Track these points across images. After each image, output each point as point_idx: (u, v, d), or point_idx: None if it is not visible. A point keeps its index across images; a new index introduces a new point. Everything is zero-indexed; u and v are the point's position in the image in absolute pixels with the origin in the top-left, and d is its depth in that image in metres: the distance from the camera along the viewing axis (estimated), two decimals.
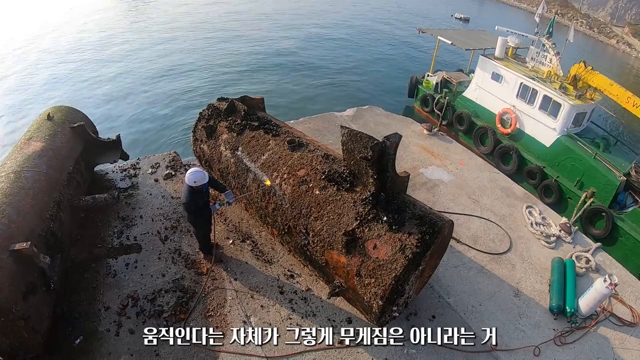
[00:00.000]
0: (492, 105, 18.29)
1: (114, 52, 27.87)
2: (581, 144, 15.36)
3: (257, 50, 30.75)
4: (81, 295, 6.36)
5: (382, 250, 5.29)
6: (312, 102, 23.09)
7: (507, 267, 8.34)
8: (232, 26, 36.31)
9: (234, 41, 32.27)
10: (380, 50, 35.70)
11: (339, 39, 36.74)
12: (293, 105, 22.21)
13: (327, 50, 33.16)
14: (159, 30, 33.38)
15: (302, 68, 28.33)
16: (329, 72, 28.39)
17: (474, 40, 21.30)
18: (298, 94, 24.39)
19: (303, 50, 32.10)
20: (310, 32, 37.46)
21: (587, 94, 16.19)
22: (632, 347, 7.22)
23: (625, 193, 14.85)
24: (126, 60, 26.55)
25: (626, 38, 65.04)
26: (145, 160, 9.74)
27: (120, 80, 23.75)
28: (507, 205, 10.27)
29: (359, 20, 45.76)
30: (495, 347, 6.59)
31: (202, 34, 33.41)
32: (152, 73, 24.95)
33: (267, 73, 26.85)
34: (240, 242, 7.67)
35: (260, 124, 7.40)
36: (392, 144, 5.40)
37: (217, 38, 32.78)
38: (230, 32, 34.39)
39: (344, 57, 31.93)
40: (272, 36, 34.41)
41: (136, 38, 31.06)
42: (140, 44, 29.81)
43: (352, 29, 41.09)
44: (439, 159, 11.79)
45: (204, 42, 31.43)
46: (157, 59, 27.21)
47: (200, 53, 29.02)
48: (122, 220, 7.90)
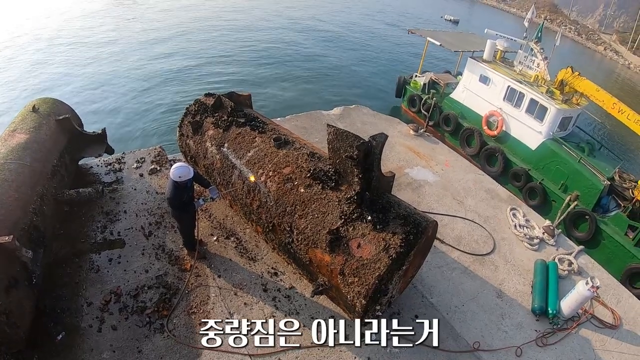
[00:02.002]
0: (479, 107, 18.42)
1: (101, 46, 27.52)
2: (566, 148, 15.53)
3: (246, 47, 30.62)
4: (63, 291, 6.29)
5: (366, 249, 5.30)
6: (300, 100, 23.04)
7: (491, 268, 8.42)
8: (220, 23, 36.06)
9: (221, 38, 32.09)
10: (369, 49, 35.79)
11: (327, 38, 36.74)
12: (280, 103, 22.19)
13: (316, 49, 33.14)
14: (147, 26, 33.05)
15: (290, 66, 28.28)
16: (317, 71, 28.37)
17: (462, 43, 21.43)
18: (285, 91, 24.34)
19: (291, 49, 32.04)
20: (299, 31, 37.37)
21: (573, 99, 16.38)
22: (613, 349, 7.35)
23: (609, 197, 15.06)
24: (114, 55, 26.20)
25: (614, 45, 65.96)
26: (130, 154, 9.65)
27: (107, 74, 23.45)
28: (491, 207, 10.36)
29: (348, 19, 45.82)
30: (478, 347, 6.67)
31: (191, 30, 33.15)
32: (140, 68, 24.68)
33: (255, 70, 26.74)
34: (225, 238, 7.63)
35: (246, 121, 7.37)
36: (378, 144, 5.41)
37: (206, 34, 32.59)
38: (218, 29, 34.17)
39: (332, 56, 31.93)
40: (261, 35, 34.25)
41: (124, 33, 30.67)
42: (128, 39, 29.46)
43: (340, 28, 41.10)
44: (424, 159, 11.86)
45: (193, 38, 31.21)
46: (146, 54, 26.93)
47: (188, 49, 28.79)
48: (106, 215, 7.82)
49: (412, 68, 25.08)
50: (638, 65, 59.64)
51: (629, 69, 59.84)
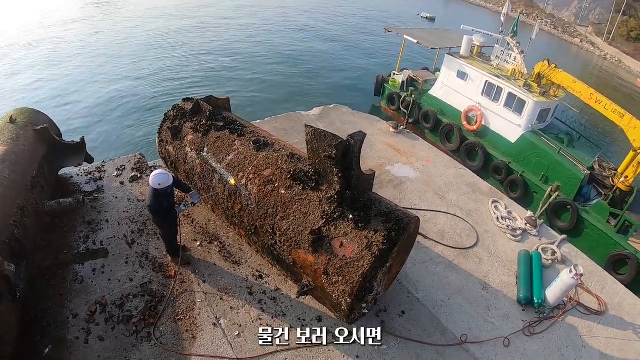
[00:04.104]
0: (457, 102, 18.59)
1: (75, 53, 27.07)
2: (546, 140, 15.75)
3: (223, 51, 30.48)
4: (48, 303, 6.19)
5: (348, 248, 5.31)
6: (278, 101, 23.02)
7: (475, 261, 8.51)
8: (196, 27, 35.79)
9: (198, 41, 31.85)
10: (347, 49, 35.88)
11: (304, 39, 36.73)
12: (259, 105, 22.11)
13: (293, 50, 33.10)
14: (124, 32, 32.60)
15: (268, 68, 28.23)
16: (295, 72, 28.36)
17: (439, 39, 21.58)
18: (264, 93, 24.27)
19: (269, 51, 31.98)
20: (275, 33, 37.30)
21: (551, 91, 16.61)
22: (599, 335, 7.50)
23: (590, 186, 15.31)
24: (88, 62, 25.80)
25: (590, 37, 67.16)
26: (110, 162, 9.53)
27: (83, 81, 23.12)
28: (473, 200, 10.47)
29: (324, 20, 45.85)
30: (465, 340, 6.73)
31: (167, 34, 32.85)
32: (116, 74, 24.35)
33: (233, 73, 26.64)
34: (208, 243, 7.59)
35: (225, 125, 7.34)
36: (357, 142, 5.43)
37: (183, 38, 32.31)
38: (195, 33, 33.94)
39: (310, 57, 31.93)
40: (238, 37, 34.12)
41: (99, 40, 30.20)
42: (104, 46, 29.01)
43: (317, 29, 41.14)
44: (405, 156, 11.93)
45: (168, 43, 30.89)
46: (122, 60, 26.59)
47: (164, 53, 28.50)
48: (88, 225, 7.70)
49: (390, 66, 25.23)
50: (614, 56, 60.83)
51: (605, 60, 60.98)
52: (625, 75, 55.10)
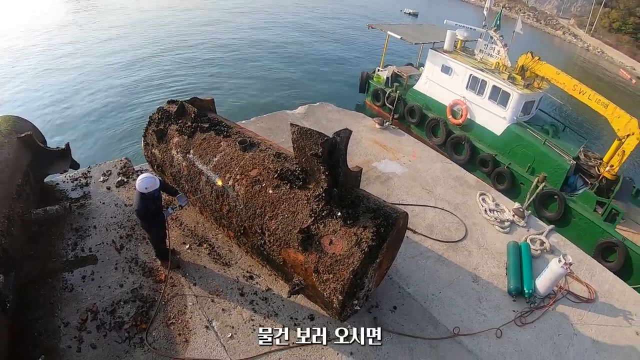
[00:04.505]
0: (442, 97, 18.75)
1: (57, 60, 26.66)
2: (531, 131, 15.93)
3: (206, 52, 30.32)
4: (39, 312, 6.10)
5: (338, 245, 5.31)
6: (263, 101, 23.03)
7: (464, 254, 8.56)
8: (178, 27, 35.58)
9: (179, 43, 31.65)
10: (331, 47, 35.91)
11: (288, 38, 36.69)
12: (244, 105, 22.09)
13: (276, 49, 33.05)
14: (105, 35, 32.22)
15: (252, 68, 28.15)
16: (280, 71, 28.33)
17: (423, 35, 21.74)
18: (249, 93, 24.23)
19: (252, 50, 31.88)
20: (258, 32, 37.22)
21: (534, 83, 16.82)
22: (590, 322, 7.59)
23: (576, 176, 15.54)
24: (70, 68, 25.46)
25: (572, 29, 67.98)
26: (96, 168, 9.41)
27: (66, 86, 22.86)
28: (460, 194, 10.53)
29: (308, 18, 45.87)
30: (458, 332, 6.78)
31: (148, 35, 32.59)
32: (98, 78, 24.12)
33: (217, 74, 26.50)
34: (197, 246, 7.54)
35: (210, 126, 7.29)
36: (343, 140, 5.43)
37: (164, 39, 32.09)
38: (176, 34, 33.74)
39: (293, 56, 31.90)
40: (220, 37, 33.94)
41: (82, 44, 29.82)
42: (86, 50, 28.65)
43: (301, 27, 41.15)
44: (391, 152, 11.96)
45: (151, 46, 30.58)
46: (103, 65, 26.27)
47: (146, 57, 28.22)
48: (76, 232, 7.59)
49: (375, 63, 25.24)
50: (596, 47, 61.70)
51: (587, 51, 61.82)
52: (608, 65, 55.95)
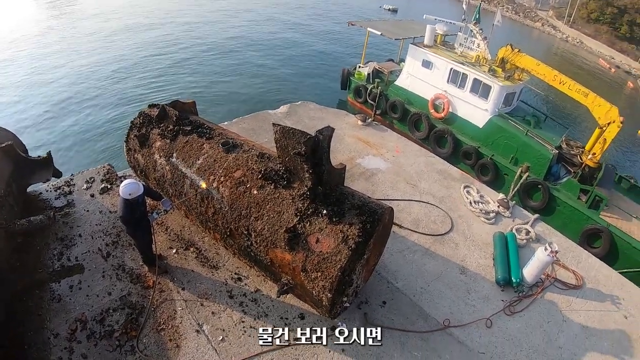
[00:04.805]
0: (424, 91, 18.85)
1: (33, 67, 26.09)
2: (513, 123, 16.11)
3: (185, 53, 30.04)
4: (28, 325, 6.02)
5: (325, 243, 5.33)
6: (245, 101, 22.93)
7: (451, 246, 8.64)
8: (158, 30, 35.15)
9: (160, 45, 31.29)
10: (311, 45, 35.86)
11: (268, 37, 36.52)
12: (226, 107, 21.97)
13: (257, 49, 32.88)
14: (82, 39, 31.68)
15: (232, 69, 28.02)
16: (261, 71, 28.23)
17: (403, 30, 21.84)
18: (231, 94, 24.13)
19: (232, 51, 31.69)
20: (239, 31, 36.97)
21: (515, 74, 17.02)
22: (579, 309, 7.73)
23: (559, 165, 15.78)
24: (48, 76, 24.93)
25: (551, 21, 68.87)
26: (79, 175, 9.29)
27: (44, 94, 22.43)
28: (445, 187, 10.62)
29: (288, 16, 45.68)
30: (448, 324, 6.84)
31: (127, 39, 32.09)
32: (77, 83, 23.72)
33: (198, 76, 26.31)
34: (184, 250, 7.49)
35: (193, 128, 7.23)
36: (325, 138, 5.44)
37: (143, 42, 31.67)
38: (156, 36, 33.34)
39: (274, 55, 31.81)
40: (200, 39, 33.61)
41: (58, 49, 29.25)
42: (63, 54, 28.12)
43: (281, 26, 40.99)
44: (375, 148, 12.02)
45: (128, 48, 30.18)
46: (80, 70, 25.78)
47: (124, 61, 27.80)
48: (61, 241, 7.49)
49: (356, 59, 25.26)
50: (575, 37, 62.61)
51: (566, 42, 62.69)
52: (587, 55, 56.80)
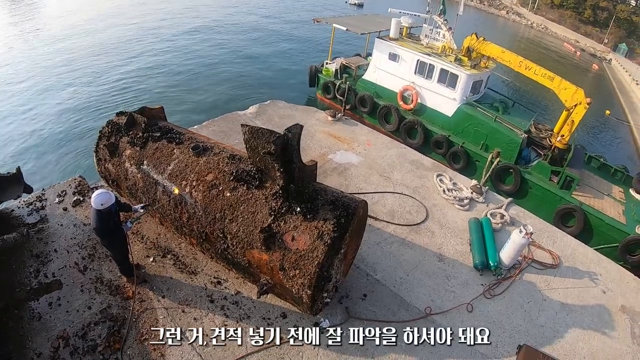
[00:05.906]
0: (392, 84, 18.99)
1: None
2: (481, 110, 16.39)
3: (150, 59, 29.32)
4: (9, 346, 5.89)
5: (300, 240, 5.38)
6: (214, 104, 22.67)
7: (427, 235, 8.78)
8: (121, 35, 34.30)
9: (121, 52, 30.44)
10: (277, 44, 35.62)
11: (232, 38, 36.09)
12: (195, 110, 21.69)
13: (223, 50, 32.46)
14: (44, 48, 30.46)
15: (198, 71, 27.60)
16: (228, 72, 27.94)
17: (368, 24, 21.93)
18: (198, 97, 23.77)
19: (196, 53, 31.19)
20: (202, 33, 36.40)
21: (481, 63, 17.30)
22: (557, 287, 7.98)
23: (529, 148, 16.12)
24: (8, 88, 23.93)
25: (515, 8, 70.22)
26: (50, 190, 9.09)
27: (5, 107, 21.62)
28: (418, 177, 10.78)
29: (252, 16, 45.23)
30: (430, 312, 6.96)
31: (86, 45, 31.22)
32: (41, 93, 22.93)
33: (164, 80, 25.80)
34: (161, 257, 7.43)
35: (162, 134, 7.16)
36: (294, 135, 5.47)
37: (104, 48, 30.82)
38: (119, 42, 32.51)
39: (241, 56, 31.47)
40: (164, 43, 32.92)
41: (19, 59, 28.13)
42: (25, 65, 27.04)
43: (245, 26, 40.49)
44: (346, 142, 12.11)
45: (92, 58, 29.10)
46: (43, 80, 24.87)
47: (88, 69, 26.86)
48: (37, 258, 7.32)
49: (323, 56, 25.29)
50: (540, 24, 64.02)
51: (532, 28, 64.04)
52: (552, 40, 58.05)
